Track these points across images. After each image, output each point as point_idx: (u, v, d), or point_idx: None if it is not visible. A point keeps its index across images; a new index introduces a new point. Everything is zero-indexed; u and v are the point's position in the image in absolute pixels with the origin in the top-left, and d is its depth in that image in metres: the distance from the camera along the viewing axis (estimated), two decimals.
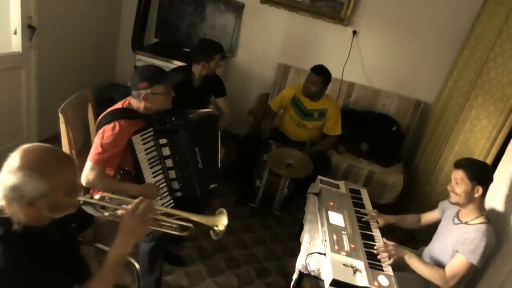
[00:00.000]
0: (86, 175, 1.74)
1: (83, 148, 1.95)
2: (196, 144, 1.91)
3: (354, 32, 3.49)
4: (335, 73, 3.03)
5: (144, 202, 1.19)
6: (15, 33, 2.62)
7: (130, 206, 1.19)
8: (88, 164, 1.74)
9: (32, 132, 2.98)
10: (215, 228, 1.28)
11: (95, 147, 1.74)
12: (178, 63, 3.27)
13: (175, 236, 1.32)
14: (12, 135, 1.06)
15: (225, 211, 1.31)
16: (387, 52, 3.53)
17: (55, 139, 2.53)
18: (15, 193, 1.00)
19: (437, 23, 3.35)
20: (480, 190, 1.81)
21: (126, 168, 1.84)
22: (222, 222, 1.28)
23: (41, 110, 2.97)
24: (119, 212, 1.27)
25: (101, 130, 1.75)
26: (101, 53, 3.73)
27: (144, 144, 1.79)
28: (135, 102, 1.83)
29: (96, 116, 2.03)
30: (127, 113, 1.80)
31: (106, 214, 1.28)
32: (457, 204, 1.88)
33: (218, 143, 2.14)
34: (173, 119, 1.88)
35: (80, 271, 1.20)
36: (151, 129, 1.80)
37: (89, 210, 1.49)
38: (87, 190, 1.94)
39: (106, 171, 1.80)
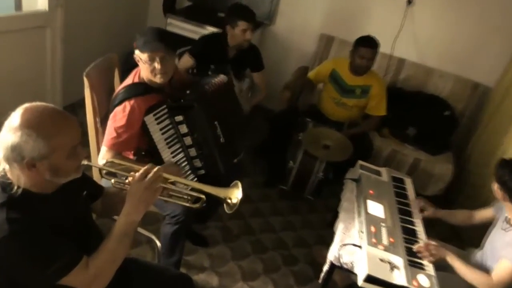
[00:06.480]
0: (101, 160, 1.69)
1: (108, 116, 1.86)
2: (216, 118, 1.78)
3: (409, 2, 3.23)
4: (384, 48, 2.87)
5: (153, 169, 1.17)
6: None
7: (138, 173, 1.17)
8: (103, 149, 1.69)
9: (56, 96, 2.95)
10: (228, 200, 1.24)
11: (109, 132, 1.68)
12: (211, 29, 3.12)
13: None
14: (36, 99, 1.06)
15: (239, 184, 1.26)
16: (445, 26, 3.25)
17: (80, 105, 2.48)
18: (14, 153, 1.01)
19: None
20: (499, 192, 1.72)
21: (146, 148, 1.76)
22: (235, 194, 1.24)
23: (66, 74, 2.93)
24: (128, 179, 1.24)
25: (112, 114, 1.69)
26: (130, 15, 3.64)
27: (158, 123, 1.69)
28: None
29: (122, 82, 1.93)
30: (136, 89, 1.70)
31: (113, 181, 1.26)
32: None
33: (239, 111, 2.03)
34: (187, 92, 1.75)
35: (91, 240, 1.20)
36: (164, 106, 1.69)
37: (103, 183, 1.45)
38: None
39: (125, 154, 1.74)
